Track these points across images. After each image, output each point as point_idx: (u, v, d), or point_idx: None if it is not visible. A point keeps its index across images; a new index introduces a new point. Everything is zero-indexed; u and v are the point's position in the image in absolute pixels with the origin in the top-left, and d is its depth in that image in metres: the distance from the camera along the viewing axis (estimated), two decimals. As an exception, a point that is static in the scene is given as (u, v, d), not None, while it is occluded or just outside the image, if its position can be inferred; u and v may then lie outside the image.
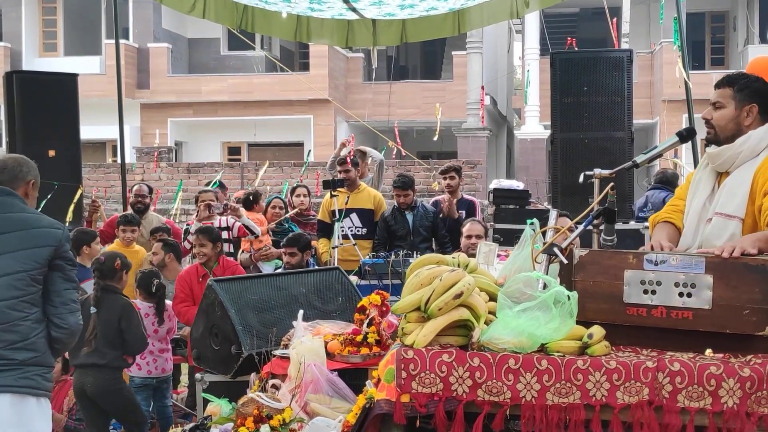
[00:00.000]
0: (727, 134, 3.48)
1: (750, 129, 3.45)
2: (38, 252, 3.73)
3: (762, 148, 3.41)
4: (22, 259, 3.70)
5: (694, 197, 3.59)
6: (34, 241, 3.75)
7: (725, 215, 3.38)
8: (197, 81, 24.44)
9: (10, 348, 3.65)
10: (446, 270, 3.06)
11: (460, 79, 24.02)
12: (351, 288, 5.53)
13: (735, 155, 3.44)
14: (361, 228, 8.56)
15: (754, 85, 3.50)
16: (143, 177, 18.62)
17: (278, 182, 17.25)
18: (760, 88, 3.51)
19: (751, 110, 3.45)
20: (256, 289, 5.23)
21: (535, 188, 19.07)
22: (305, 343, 4.11)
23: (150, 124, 24.28)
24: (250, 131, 24.33)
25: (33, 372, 3.72)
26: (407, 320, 3.03)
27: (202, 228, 7.06)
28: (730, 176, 3.47)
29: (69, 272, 3.85)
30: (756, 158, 3.40)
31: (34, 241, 3.75)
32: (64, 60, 24.18)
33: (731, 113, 3.47)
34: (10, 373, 3.65)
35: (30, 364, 3.70)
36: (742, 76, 3.59)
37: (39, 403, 3.76)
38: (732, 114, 3.47)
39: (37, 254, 3.73)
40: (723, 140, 3.48)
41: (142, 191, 8.78)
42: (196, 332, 5.27)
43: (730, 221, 3.36)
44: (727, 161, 3.46)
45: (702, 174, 3.61)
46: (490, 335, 2.88)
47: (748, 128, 3.45)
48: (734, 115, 3.47)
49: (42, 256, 3.73)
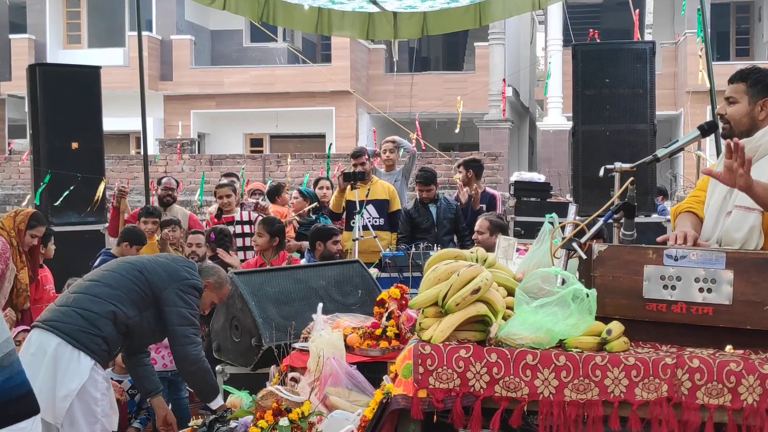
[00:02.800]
0: (741, 129, 3.45)
1: (765, 123, 3.42)
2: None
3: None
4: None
5: (714, 190, 3.56)
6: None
7: (745, 208, 3.34)
8: (220, 73, 24.52)
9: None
10: (464, 265, 3.06)
11: (483, 71, 23.95)
12: (371, 281, 5.54)
13: (754, 149, 3.40)
14: (378, 219, 8.57)
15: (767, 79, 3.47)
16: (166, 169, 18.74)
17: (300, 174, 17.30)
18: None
19: (764, 105, 3.42)
20: (276, 282, 5.26)
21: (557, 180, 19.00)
22: (324, 336, 4.12)
23: (173, 115, 24.39)
24: (272, 123, 24.39)
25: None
26: (425, 315, 3.03)
27: (264, 218, 7.12)
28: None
29: None
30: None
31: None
32: (87, 52, 24.34)
33: (744, 108, 3.44)
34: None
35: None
36: (756, 70, 3.55)
37: (80, 357, 4.36)
38: (745, 109, 3.44)
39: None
40: (738, 135, 3.44)
41: (171, 184, 8.80)
42: (217, 324, 5.31)
43: (750, 214, 3.33)
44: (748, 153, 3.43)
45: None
46: (507, 331, 2.87)
47: (762, 122, 3.42)
48: (748, 110, 3.43)
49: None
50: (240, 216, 8.34)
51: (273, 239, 6.82)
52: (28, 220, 6.06)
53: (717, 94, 8.01)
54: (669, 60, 23.10)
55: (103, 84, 8.72)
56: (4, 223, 6.03)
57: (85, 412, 4.41)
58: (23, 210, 6.26)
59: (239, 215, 8.35)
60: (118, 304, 4.52)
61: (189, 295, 4.65)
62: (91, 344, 4.42)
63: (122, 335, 4.59)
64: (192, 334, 4.62)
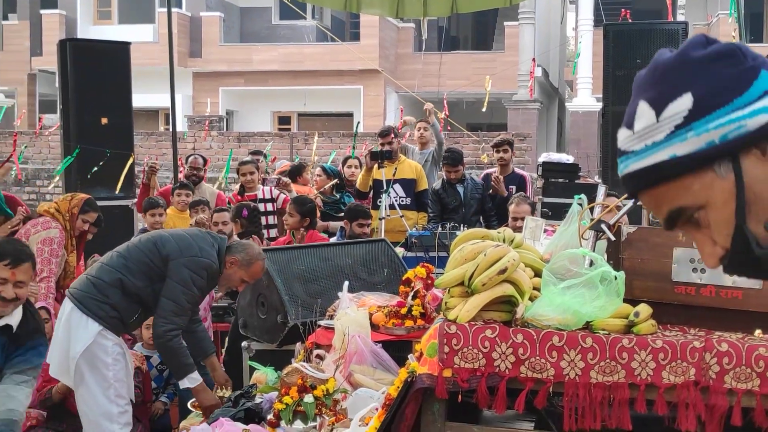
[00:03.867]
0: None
1: None
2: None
3: None
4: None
5: None
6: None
7: None
8: (248, 50, 24.54)
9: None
10: (491, 245, 3.04)
11: (512, 50, 23.79)
12: (397, 260, 5.54)
13: None
14: (405, 198, 8.57)
15: None
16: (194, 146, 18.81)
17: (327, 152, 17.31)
18: None
19: None
20: (303, 260, 5.26)
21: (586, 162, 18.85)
22: (350, 314, 4.13)
23: (201, 92, 24.47)
24: (301, 101, 24.40)
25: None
26: (450, 295, 3.02)
27: (296, 198, 7.13)
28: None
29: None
30: None
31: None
32: (117, 28, 24.44)
33: None
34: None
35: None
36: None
37: (87, 322, 4.55)
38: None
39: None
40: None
41: (197, 163, 8.82)
42: (243, 301, 5.33)
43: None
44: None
45: None
46: (534, 312, 2.86)
47: None
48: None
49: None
50: (262, 193, 8.35)
51: (304, 219, 6.81)
52: (81, 204, 6.14)
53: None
54: (701, 41, 22.77)
55: (133, 60, 8.76)
56: (60, 206, 6.11)
57: (96, 376, 4.59)
58: (78, 195, 6.36)
59: (261, 192, 8.36)
60: (126, 273, 4.67)
61: (193, 273, 4.66)
62: (99, 310, 4.61)
63: (136, 304, 4.72)
64: (170, 311, 4.64)
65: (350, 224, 7.14)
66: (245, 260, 4.82)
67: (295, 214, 6.79)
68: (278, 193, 8.37)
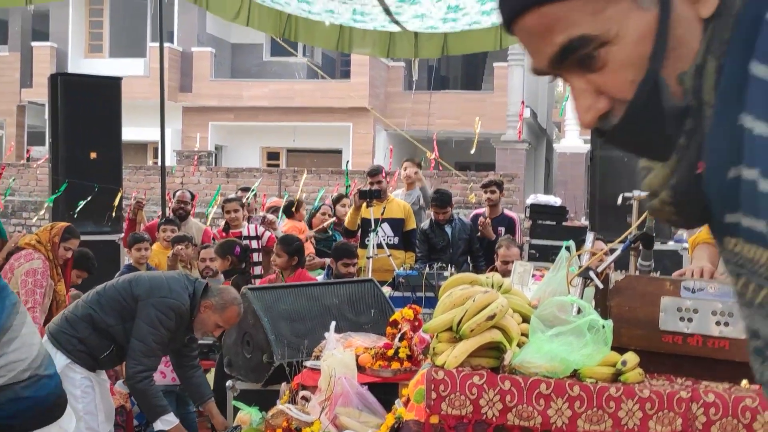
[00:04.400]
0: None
1: None
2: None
3: None
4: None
5: None
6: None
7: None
8: (239, 86, 24.64)
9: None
10: (479, 291, 3.05)
11: (501, 91, 23.96)
12: (384, 300, 5.52)
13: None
14: (393, 237, 8.58)
15: None
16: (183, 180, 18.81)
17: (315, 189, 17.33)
18: None
19: None
20: (290, 299, 5.24)
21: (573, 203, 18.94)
22: (336, 355, 4.11)
23: (191, 127, 24.51)
24: (290, 137, 24.46)
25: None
26: (439, 340, 3.02)
27: (282, 238, 7.09)
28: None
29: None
30: None
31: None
32: (109, 61, 24.51)
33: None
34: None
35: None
36: None
37: (56, 354, 4.54)
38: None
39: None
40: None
41: (185, 197, 8.81)
42: (229, 339, 5.29)
43: None
44: None
45: None
46: (522, 359, 2.86)
47: None
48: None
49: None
50: (248, 231, 8.32)
51: (292, 258, 6.76)
52: (62, 233, 6.14)
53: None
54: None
55: (123, 94, 8.77)
56: (41, 237, 6.11)
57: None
58: (58, 224, 6.37)
59: (247, 230, 8.34)
60: (98, 309, 4.72)
61: (161, 313, 4.66)
62: (68, 344, 4.69)
63: (107, 341, 4.74)
64: (139, 352, 4.67)
65: (336, 263, 7.12)
66: (220, 305, 4.79)
67: (283, 254, 6.74)
68: (263, 230, 8.36)
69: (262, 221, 8.45)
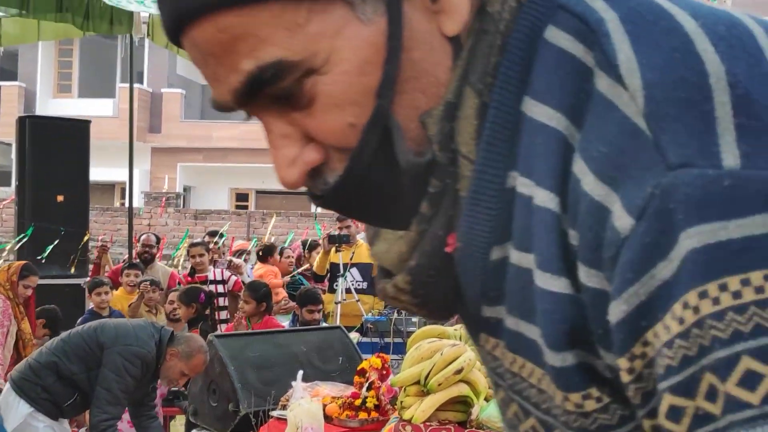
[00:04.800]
0: None
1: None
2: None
3: None
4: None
5: None
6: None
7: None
8: (209, 127, 24.64)
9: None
10: (447, 344, 3.05)
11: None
12: (352, 348, 5.49)
13: None
14: (362, 282, 8.58)
15: None
16: (150, 222, 18.69)
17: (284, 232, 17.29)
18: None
19: None
20: (257, 346, 5.20)
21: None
22: (303, 405, 4.07)
23: (160, 168, 24.43)
24: (259, 178, 24.45)
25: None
26: (406, 393, 3.01)
27: (249, 284, 7.04)
28: None
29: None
30: None
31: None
32: (78, 102, 24.43)
33: None
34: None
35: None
36: None
37: (18, 403, 4.57)
38: None
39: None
40: None
41: (150, 241, 8.75)
42: (195, 387, 5.23)
43: None
44: None
45: None
46: (489, 413, 2.86)
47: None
48: None
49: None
50: (213, 275, 8.25)
51: (260, 305, 6.70)
52: (20, 271, 6.14)
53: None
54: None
55: (92, 134, 8.75)
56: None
57: None
58: (15, 262, 6.37)
59: (212, 274, 8.27)
60: (63, 356, 4.69)
61: (126, 361, 4.65)
62: (31, 392, 4.65)
63: (71, 389, 4.71)
64: (104, 400, 4.63)
65: (300, 310, 7.06)
66: (186, 352, 4.79)
67: (251, 300, 6.69)
68: (230, 275, 8.30)
69: (228, 266, 8.41)
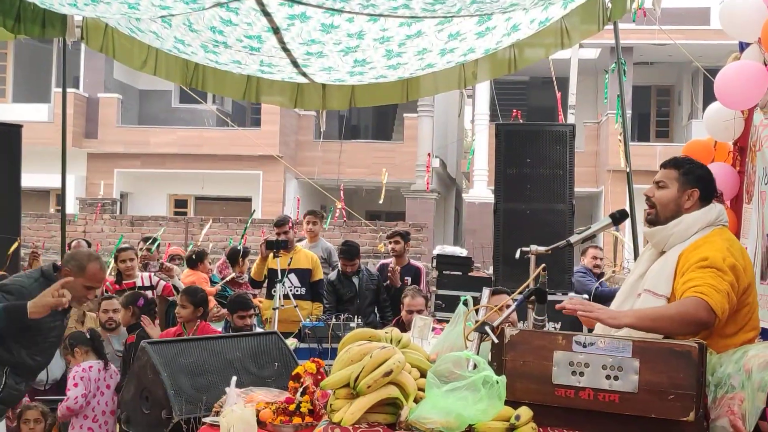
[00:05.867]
0: (667, 214, 3.57)
1: (688, 212, 3.54)
2: None
3: (691, 234, 3.50)
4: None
5: (633, 270, 3.67)
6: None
7: (653, 293, 3.45)
8: (146, 132, 24.33)
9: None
10: (377, 346, 3.06)
11: (411, 141, 24.27)
12: (288, 353, 5.48)
13: (667, 237, 3.52)
14: (300, 288, 8.56)
15: (699, 171, 3.63)
16: (85, 228, 18.39)
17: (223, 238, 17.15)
18: (704, 175, 3.63)
19: (692, 194, 3.56)
20: (191, 353, 5.15)
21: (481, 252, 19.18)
22: (236, 411, 4.04)
23: (96, 174, 24.04)
24: (198, 185, 24.22)
25: None
26: (336, 397, 3.01)
27: (186, 289, 6.96)
28: (661, 256, 3.55)
29: None
30: (684, 242, 3.49)
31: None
32: (12, 106, 23.94)
33: (673, 194, 3.57)
34: None
35: None
36: (688, 160, 3.71)
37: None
38: (674, 195, 3.57)
39: None
40: (663, 220, 3.57)
41: (81, 247, 8.63)
42: (127, 394, 5.17)
43: (658, 299, 3.43)
44: (660, 242, 3.55)
45: (647, 250, 3.71)
46: (418, 414, 2.87)
47: (686, 211, 3.54)
48: (676, 196, 3.57)
49: None
50: (141, 281, 8.16)
51: (197, 309, 6.65)
52: None
53: (634, 175, 8.26)
54: (591, 139, 23.75)
55: (26, 139, 8.57)
56: None
57: None
58: None
59: (141, 280, 8.17)
60: None
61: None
62: None
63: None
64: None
65: (231, 316, 7.02)
66: (78, 267, 4.75)
67: (188, 305, 6.63)
68: (158, 280, 8.21)
69: (160, 268, 8.31)
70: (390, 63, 7.69)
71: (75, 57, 23.44)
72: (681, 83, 25.72)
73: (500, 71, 8.23)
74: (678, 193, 3.57)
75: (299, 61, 7.73)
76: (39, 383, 6.80)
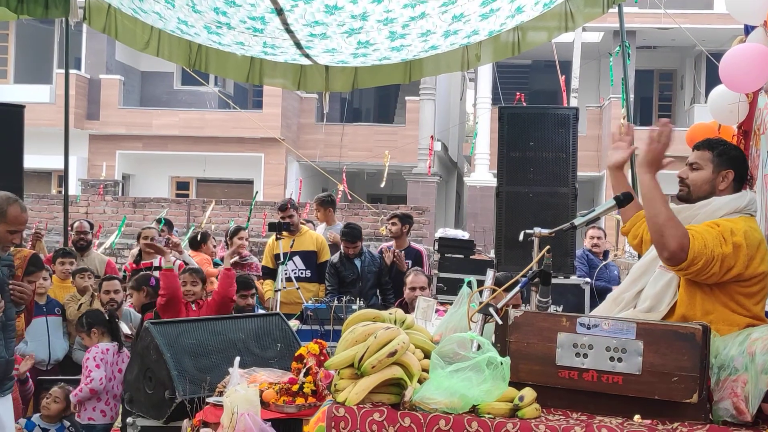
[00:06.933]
0: (700, 195, 3.55)
1: (723, 194, 3.52)
2: None
3: (717, 217, 3.45)
4: None
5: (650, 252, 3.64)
6: None
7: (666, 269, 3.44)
8: (148, 114, 24.30)
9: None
10: (381, 327, 3.07)
11: (413, 124, 24.23)
12: (291, 335, 5.49)
13: (692, 216, 3.48)
14: (304, 270, 8.56)
15: (733, 152, 3.61)
16: (87, 210, 18.39)
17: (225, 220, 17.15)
18: (738, 156, 3.61)
19: (727, 175, 3.53)
20: (194, 333, 5.16)
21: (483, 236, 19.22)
22: (240, 391, 4.06)
23: (98, 155, 24.03)
24: (200, 167, 24.21)
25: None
26: (340, 377, 3.02)
27: (192, 268, 6.98)
28: None
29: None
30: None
31: None
32: (14, 87, 23.91)
33: (708, 176, 3.55)
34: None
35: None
36: (722, 141, 3.70)
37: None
38: (709, 176, 3.55)
39: None
40: (695, 200, 3.55)
41: (83, 227, 8.62)
42: (130, 375, 5.18)
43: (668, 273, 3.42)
44: (685, 220, 3.49)
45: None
46: (422, 395, 2.88)
47: (721, 192, 3.53)
48: (711, 177, 3.54)
49: None
50: (159, 261, 8.19)
51: (204, 287, 6.74)
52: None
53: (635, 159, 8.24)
54: (594, 122, 23.71)
55: (28, 121, 8.55)
56: None
57: None
58: None
59: (159, 260, 8.20)
60: None
61: None
62: None
63: None
64: None
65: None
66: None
67: (199, 281, 6.69)
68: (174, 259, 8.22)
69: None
70: (393, 45, 7.68)
71: (77, 38, 23.37)
72: (684, 67, 25.65)
73: (503, 54, 8.22)
74: (713, 175, 3.55)
75: (302, 42, 7.72)
76: (41, 363, 6.82)
